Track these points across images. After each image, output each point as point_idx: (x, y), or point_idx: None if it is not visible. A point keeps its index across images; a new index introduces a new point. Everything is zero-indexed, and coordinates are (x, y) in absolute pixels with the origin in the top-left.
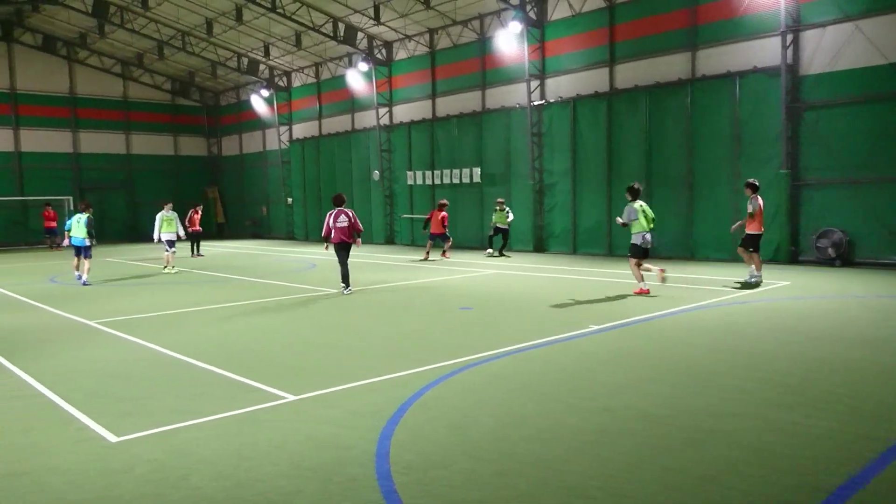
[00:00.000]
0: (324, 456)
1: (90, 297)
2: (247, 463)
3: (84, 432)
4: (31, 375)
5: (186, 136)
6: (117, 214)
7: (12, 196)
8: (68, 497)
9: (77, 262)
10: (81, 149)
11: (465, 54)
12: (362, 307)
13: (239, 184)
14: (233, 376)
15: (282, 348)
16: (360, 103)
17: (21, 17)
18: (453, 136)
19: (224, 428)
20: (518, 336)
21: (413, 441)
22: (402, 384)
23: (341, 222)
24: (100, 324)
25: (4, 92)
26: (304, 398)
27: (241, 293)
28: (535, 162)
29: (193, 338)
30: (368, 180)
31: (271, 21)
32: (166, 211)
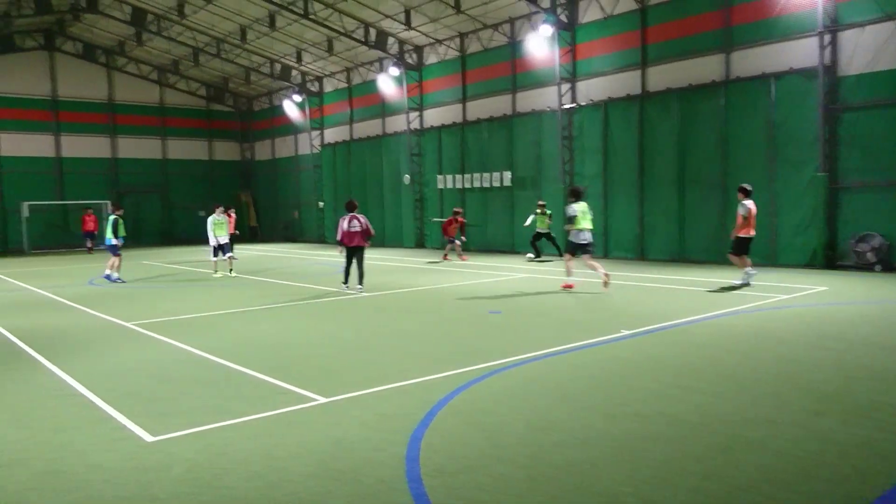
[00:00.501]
0: (354, 458)
1: (127, 299)
2: (279, 464)
3: (120, 431)
4: (71, 375)
5: (220, 141)
6: (153, 218)
7: (53, 200)
8: (106, 495)
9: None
10: (119, 154)
11: (495, 58)
12: (391, 310)
13: (271, 188)
14: (265, 378)
15: (312, 350)
16: (391, 107)
17: (63, 26)
18: (484, 139)
19: (256, 429)
20: (548, 340)
21: (443, 444)
22: (432, 387)
23: (354, 227)
24: (136, 325)
25: (46, 99)
26: (334, 400)
27: (273, 296)
28: (566, 165)
29: (226, 339)
30: (399, 184)
31: (304, 27)
32: (217, 215)
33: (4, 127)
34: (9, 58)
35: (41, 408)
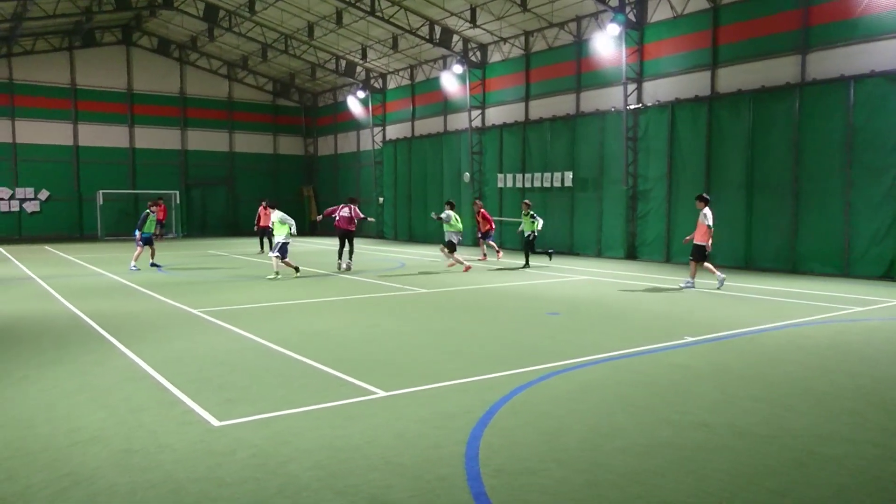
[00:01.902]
0: (414, 453)
1: (194, 287)
2: (341, 455)
3: (189, 415)
4: (142, 358)
5: (285, 135)
6: (218, 210)
7: (126, 189)
8: (177, 476)
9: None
10: (189, 146)
11: (560, 57)
12: (450, 308)
13: (333, 183)
14: (326, 369)
15: (372, 344)
16: (453, 105)
17: (140, 21)
18: (546, 139)
19: (319, 419)
20: (608, 344)
21: (503, 444)
22: (491, 387)
23: (344, 213)
24: (203, 312)
25: (123, 92)
26: (394, 395)
27: (333, 289)
28: (630, 167)
29: (289, 330)
30: (459, 182)
31: (369, 24)
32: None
33: (84, 118)
34: (89, 52)
35: (117, 389)
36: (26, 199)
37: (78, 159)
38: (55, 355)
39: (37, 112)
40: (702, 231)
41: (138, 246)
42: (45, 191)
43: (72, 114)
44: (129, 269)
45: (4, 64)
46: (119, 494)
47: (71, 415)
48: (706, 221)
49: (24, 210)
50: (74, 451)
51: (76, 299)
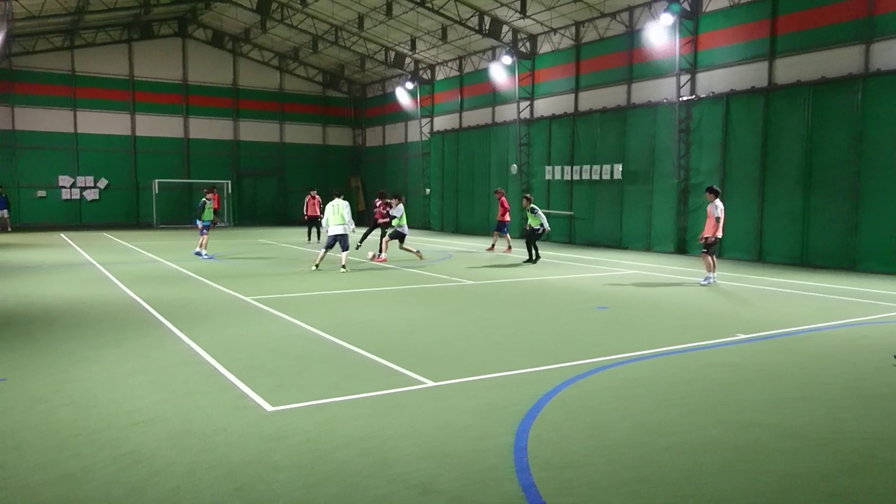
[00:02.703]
0: (461, 444)
1: (246, 275)
2: (390, 443)
3: (243, 400)
4: (198, 343)
5: (334, 126)
6: (268, 199)
7: (180, 179)
8: (232, 458)
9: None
10: (240, 137)
11: (611, 47)
12: (496, 301)
13: (380, 174)
14: (375, 358)
15: (419, 335)
16: (502, 97)
17: (195, 14)
18: (595, 131)
19: (368, 407)
20: (658, 340)
21: (551, 438)
22: (539, 380)
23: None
24: (255, 300)
25: (178, 83)
26: (442, 385)
27: (379, 280)
28: (681, 160)
29: (337, 319)
30: (506, 174)
31: (419, 15)
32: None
33: (141, 109)
34: (147, 44)
35: (174, 372)
36: (86, 187)
37: (135, 149)
38: (115, 338)
39: (97, 103)
40: (710, 223)
41: (203, 234)
42: (104, 179)
43: (130, 104)
44: (203, 257)
45: (67, 56)
46: (178, 474)
47: (131, 395)
48: (716, 213)
49: (84, 198)
50: (135, 430)
51: (134, 285)
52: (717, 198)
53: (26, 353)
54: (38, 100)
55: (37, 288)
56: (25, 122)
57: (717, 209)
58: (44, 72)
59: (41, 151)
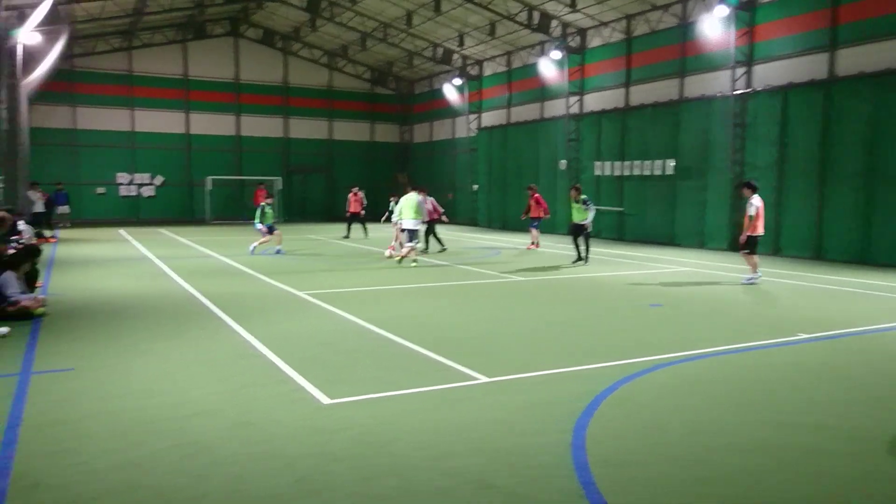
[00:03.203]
0: (518, 440)
1: (297, 270)
2: (445, 438)
3: (299, 392)
4: (253, 336)
5: (381, 123)
6: (317, 196)
7: (232, 176)
8: (290, 450)
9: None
10: (290, 134)
11: (663, 40)
12: (548, 297)
13: (428, 170)
14: (428, 353)
15: (471, 330)
16: (550, 92)
17: (247, 13)
18: (646, 125)
19: (423, 402)
20: (714, 338)
21: (608, 436)
22: (594, 377)
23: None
24: (307, 294)
25: (230, 82)
26: (496, 381)
27: (429, 276)
28: (736, 155)
29: (389, 314)
30: (554, 170)
31: (467, 11)
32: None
33: (195, 108)
34: (200, 44)
35: (231, 364)
36: (143, 184)
37: (189, 146)
38: (174, 330)
39: (153, 102)
40: (747, 222)
41: (264, 236)
42: (160, 176)
43: (184, 103)
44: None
45: (125, 57)
46: (239, 464)
47: (191, 386)
48: (749, 211)
49: (141, 195)
50: (196, 420)
51: (190, 278)
52: (753, 193)
53: (92, 344)
54: (98, 99)
55: (99, 281)
56: (86, 121)
57: (751, 206)
58: (103, 72)
59: (100, 149)
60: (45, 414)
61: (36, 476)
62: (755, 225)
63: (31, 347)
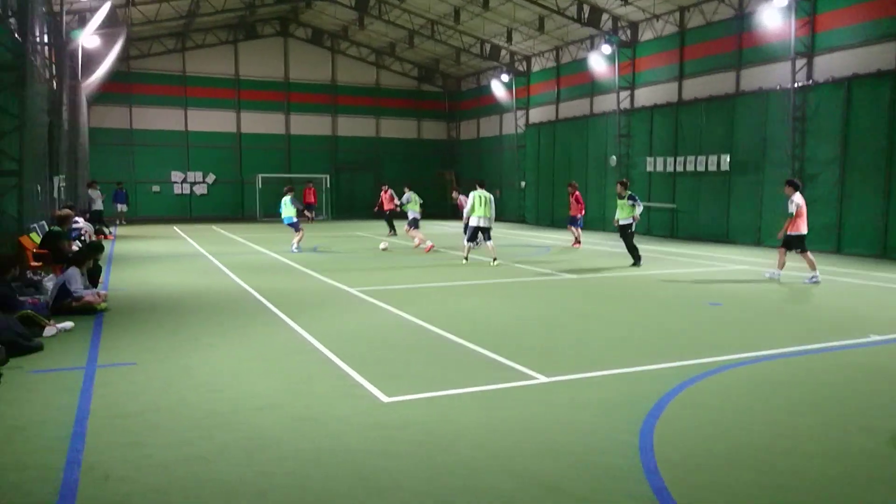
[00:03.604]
0: (583, 442)
1: (348, 266)
2: (508, 438)
3: (358, 389)
4: (308, 332)
5: (428, 120)
6: (364, 194)
7: (282, 173)
8: (353, 446)
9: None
10: (338, 132)
11: (718, 32)
12: (601, 295)
13: (475, 167)
14: (483, 351)
15: (524, 328)
16: (600, 87)
17: (296, 13)
18: (700, 120)
19: (482, 401)
20: (780, 339)
21: (677, 440)
22: (657, 378)
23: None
24: (359, 291)
25: (280, 81)
26: (555, 381)
27: (480, 273)
28: (796, 150)
29: (441, 311)
30: (604, 166)
31: (515, 6)
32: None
33: (245, 107)
34: (251, 44)
35: (289, 359)
36: (196, 182)
37: (240, 145)
38: (231, 325)
39: (205, 102)
40: (789, 219)
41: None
42: (212, 175)
43: (235, 103)
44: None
45: (178, 58)
46: (304, 460)
47: (252, 381)
48: (790, 209)
49: (194, 192)
50: (260, 415)
51: (243, 274)
52: (795, 191)
53: (152, 338)
54: (153, 100)
55: (156, 277)
56: (141, 121)
57: (792, 204)
58: (158, 73)
59: (155, 148)
60: (111, 407)
61: (106, 468)
62: (797, 224)
63: (94, 341)
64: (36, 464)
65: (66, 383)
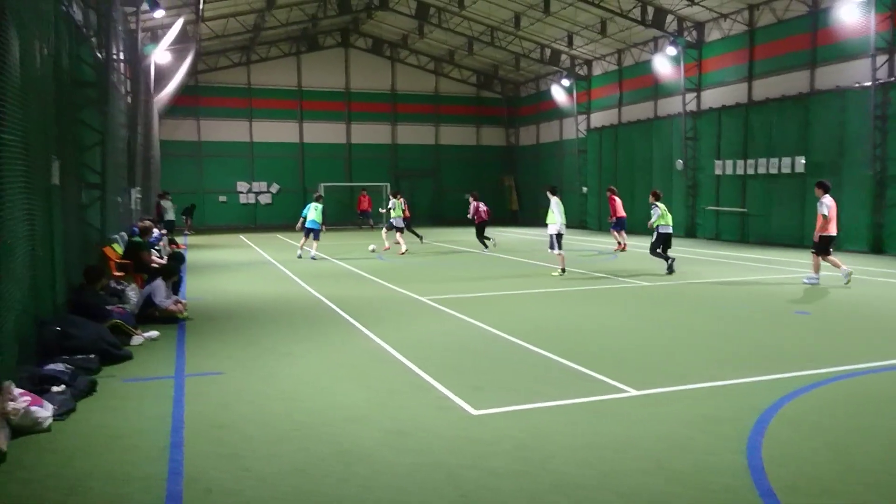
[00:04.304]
0: (688, 459)
1: (413, 274)
2: (606, 454)
3: (444, 401)
4: (385, 341)
5: (487, 126)
6: (425, 200)
7: (343, 182)
8: (448, 461)
9: (305, 242)
10: (398, 140)
11: (791, 30)
12: (678, 303)
13: (534, 173)
14: (566, 362)
15: (607, 338)
16: (665, 89)
17: (357, 24)
18: (772, 121)
19: (573, 415)
20: (882, 350)
21: (788, 458)
22: (754, 391)
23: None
24: (430, 300)
25: (341, 91)
26: (647, 394)
27: (550, 281)
28: (877, 150)
29: (516, 320)
30: (670, 170)
31: (578, 10)
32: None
33: (308, 117)
34: (313, 56)
35: (371, 369)
36: (260, 192)
37: (303, 155)
38: (308, 333)
39: (269, 113)
40: (819, 221)
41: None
42: (275, 184)
43: (298, 113)
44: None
45: (244, 71)
46: (400, 475)
47: (336, 391)
48: (821, 210)
49: (258, 202)
50: (349, 427)
51: (312, 282)
52: (825, 193)
53: (234, 347)
54: (219, 112)
55: (230, 285)
56: (209, 133)
57: (822, 206)
58: (224, 86)
59: (221, 159)
60: (204, 417)
61: (208, 481)
62: (826, 226)
63: (180, 350)
64: (140, 474)
65: (158, 392)
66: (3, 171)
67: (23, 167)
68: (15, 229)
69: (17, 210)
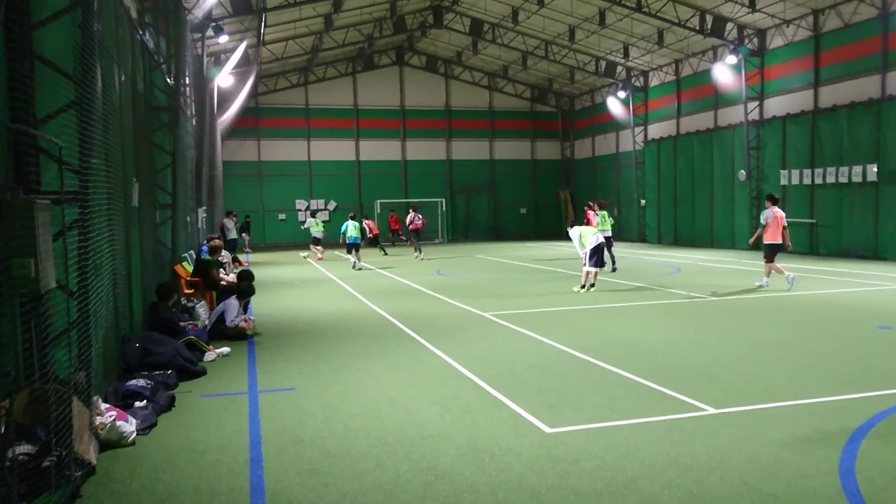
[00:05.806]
0: (780, 482)
1: (474, 290)
2: (693, 475)
3: (518, 419)
4: (452, 357)
5: (542, 140)
6: (481, 215)
7: (399, 199)
8: (529, 481)
9: (353, 255)
10: (453, 156)
11: (859, 34)
12: (750, 317)
13: (590, 186)
14: (639, 379)
15: (679, 354)
16: (725, 98)
17: (411, 42)
18: (841, 128)
19: (652, 433)
20: None
21: (887, 482)
22: (842, 410)
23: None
24: (493, 315)
25: (396, 109)
26: (727, 412)
27: (614, 296)
28: None
29: (584, 336)
30: (732, 180)
31: (634, 21)
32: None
33: (364, 135)
34: (368, 75)
35: (442, 386)
36: (318, 209)
37: (359, 172)
38: (376, 349)
39: (326, 132)
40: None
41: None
42: (333, 202)
43: (354, 132)
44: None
45: (302, 92)
46: (482, 493)
47: (410, 408)
48: (760, 219)
49: (316, 219)
50: (426, 445)
51: (374, 298)
52: (772, 206)
53: (304, 364)
54: (278, 132)
55: (295, 302)
56: (268, 152)
57: (762, 216)
58: (283, 107)
59: (280, 178)
60: (282, 432)
61: (290, 496)
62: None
63: (251, 366)
64: (225, 489)
65: (234, 407)
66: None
67: (106, 190)
68: (101, 250)
69: (102, 231)
